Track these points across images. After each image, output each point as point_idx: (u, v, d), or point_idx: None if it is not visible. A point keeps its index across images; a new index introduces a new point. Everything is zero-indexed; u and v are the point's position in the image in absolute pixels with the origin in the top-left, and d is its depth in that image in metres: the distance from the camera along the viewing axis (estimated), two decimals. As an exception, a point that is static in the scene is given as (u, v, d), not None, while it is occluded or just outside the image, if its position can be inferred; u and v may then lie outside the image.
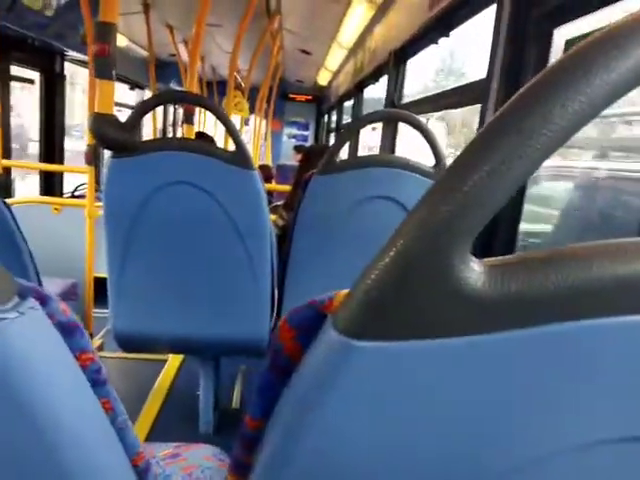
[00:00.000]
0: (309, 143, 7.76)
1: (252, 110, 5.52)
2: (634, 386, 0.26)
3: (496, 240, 1.26)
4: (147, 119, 5.51)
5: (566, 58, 0.22)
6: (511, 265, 0.24)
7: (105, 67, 1.39)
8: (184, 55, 4.29)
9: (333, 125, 6.01)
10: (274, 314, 1.58)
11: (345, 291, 0.28)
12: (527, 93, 0.22)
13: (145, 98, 5.20)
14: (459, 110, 1.51)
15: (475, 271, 0.24)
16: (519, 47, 1.34)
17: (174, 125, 7.20)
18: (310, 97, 7.87)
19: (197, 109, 5.39)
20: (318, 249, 1.45)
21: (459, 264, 0.23)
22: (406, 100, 2.62)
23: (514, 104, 0.23)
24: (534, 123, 0.22)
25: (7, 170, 2.85)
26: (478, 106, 1.40)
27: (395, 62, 2.63)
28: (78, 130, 6.15)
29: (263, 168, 3.24)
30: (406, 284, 0.24)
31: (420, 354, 0.25)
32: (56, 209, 2.63)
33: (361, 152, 4.09)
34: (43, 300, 0.31)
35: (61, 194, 3.58)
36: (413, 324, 0.25)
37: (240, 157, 1.31)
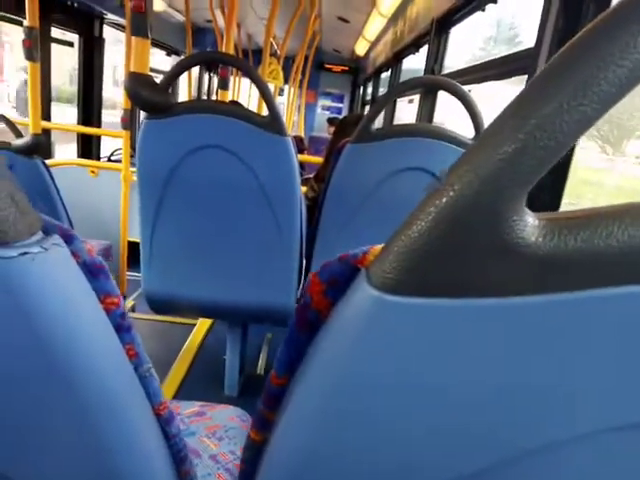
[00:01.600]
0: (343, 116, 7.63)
1: (286, 81, 5.45)
2: None
3: (537, 201, 1.17)
4: (182, 87, 5.53)
5: None
6: (570, 220, 0.22)
7: (141, 24, 1.39)
8: (220, 21, 4.26)
9: (368, 97, 5.88)
10: (300, 285, 1.58)
11: (381, 245, 0.26)
12: (609, 17, 0.19)
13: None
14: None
15: (529, 224, 0.21)
16: (573, 13, 1.25)
17: (209, 93, 7.20)
18: (346, 68, 7.70)
19: (231, 78, 5.35)
20: (348, 220, 1.42)
21: (512, 215, 0.21)
22: (447, 71, 2.52)
23: (592, 29, 0.20)
24: (615, 50, 0.19)
25: (47, 132, 2.92)
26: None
27: (437, 30, 2.52)
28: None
29: (295, 139, 3.21)
30: (452, 236, 0.22)
31: (459, 314, 0.23)
32: (93, 172, 2.68)
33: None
34: (68, 238, 0.30)
35: (98, 158, 3.66)
36: (455, 280, 0.22)
37: (274, 123, 1.29)
